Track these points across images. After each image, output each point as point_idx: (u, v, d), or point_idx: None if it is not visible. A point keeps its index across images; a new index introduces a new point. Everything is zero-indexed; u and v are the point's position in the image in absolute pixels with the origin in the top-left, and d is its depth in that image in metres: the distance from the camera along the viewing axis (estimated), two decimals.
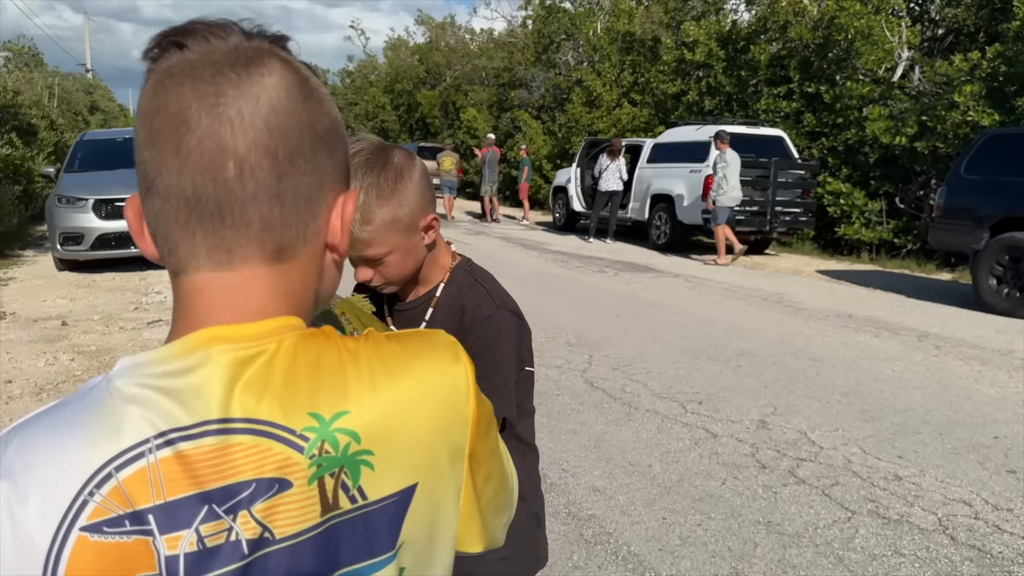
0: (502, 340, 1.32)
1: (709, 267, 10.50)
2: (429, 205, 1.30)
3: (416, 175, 1.27)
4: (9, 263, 10.30)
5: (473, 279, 1.38)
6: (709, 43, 15.34)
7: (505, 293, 1.38)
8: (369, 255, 1.26)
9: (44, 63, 23.59)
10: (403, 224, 1.25)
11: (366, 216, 1.22)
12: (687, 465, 3.79)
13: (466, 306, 1.34)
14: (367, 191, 1.22)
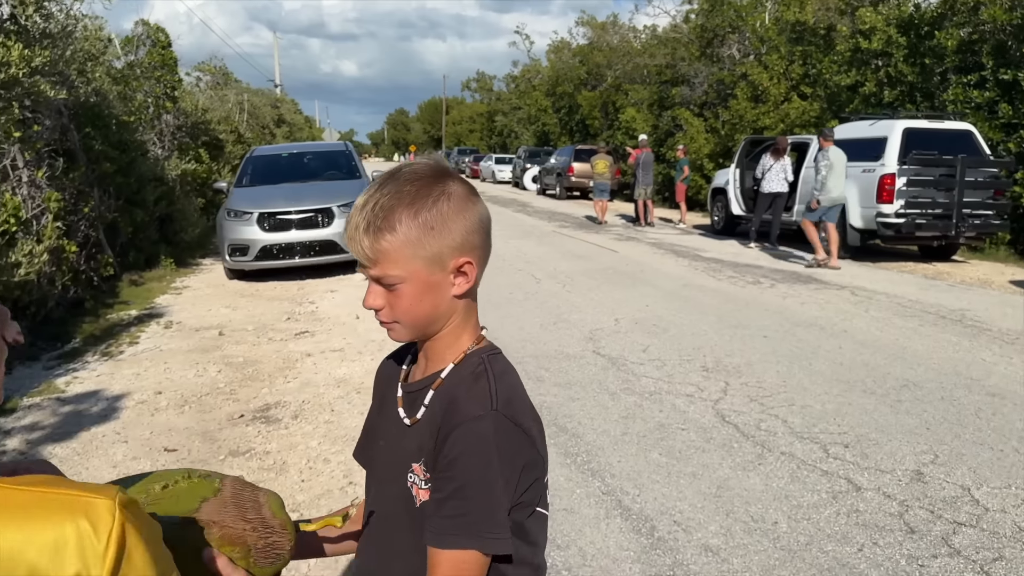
0: (479, 453, 1.06)
1: (879, 279, 9.61)
2: (469, 248, 1.12)
3: (467, 206, 1.12)
4: (188, 272, 11.10)
5: (484, 368, 1.14)
6: (888, 30, 14.14)
7: (516, 394, 1.14)
8: (380, 273, 1.10)
9: (234, 80, 25.42)
10: (430, 250, 1.08)
11: (389, 221, 1.07)
12: (819, 524, 3.36)
13: (456, 399, 1.11)
14: (400, 196, 1.08)
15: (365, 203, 1.09)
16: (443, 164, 1.16)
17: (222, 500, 1.06)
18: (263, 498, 1.10)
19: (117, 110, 10.37)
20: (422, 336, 1.17)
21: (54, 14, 8.31)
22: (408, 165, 1.13)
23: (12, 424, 4.92)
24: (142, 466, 4.22)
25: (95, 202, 8.85)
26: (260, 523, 1.06)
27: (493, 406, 1.08)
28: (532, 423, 1.13)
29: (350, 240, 1.11)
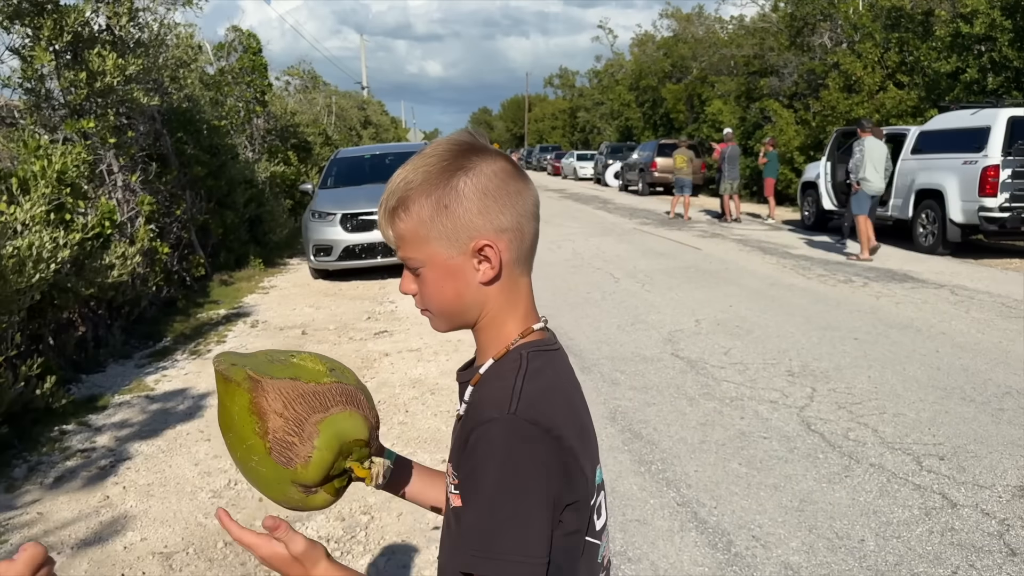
0: (493, 461, 0.94)
1: (981, 277, 9.08)
2: (492, 230, 1.02)
3: (493, 184, 1.02)
4: (276, 271, 11.39)
5: (519, 365, 1.02)
6: (992, 12, 13.34)
7: (548, 396, 1.00)
8: (403, 256, 1.05)
9: (322, 83, 26.02)
10: (443, 230, 1.01)
11: (405, 201, 1.02)
12: (910, 543, 3.15)
13: (478, 398, 1.02)
14: (417, 173, 1.03)
15: (389, 183, 1.05)
16: (475, 138, 1.07)
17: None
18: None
19: (208, 115, 10.71)
20: (457, 326, 1.09)
21: (148, 23, 8.63)
22: (439, 139, 1.07)
23: (103, 421, 5.12)
24: (222, 464, 4.31)
25: (187, 205, 9.16)
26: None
27: (510, 408, 0.95)
28: (567, 429, 0.99)
29: (378, 223, 1.08)
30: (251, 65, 13.46)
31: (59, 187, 5.89)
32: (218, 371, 1.10)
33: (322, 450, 1.03)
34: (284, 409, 1.03)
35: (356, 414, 1.07)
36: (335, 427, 1.04)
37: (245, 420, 1.05)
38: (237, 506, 3.81)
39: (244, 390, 1.05)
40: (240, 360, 1.10)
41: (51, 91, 7.64)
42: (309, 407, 1.04)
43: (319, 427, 1.03)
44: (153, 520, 3.71)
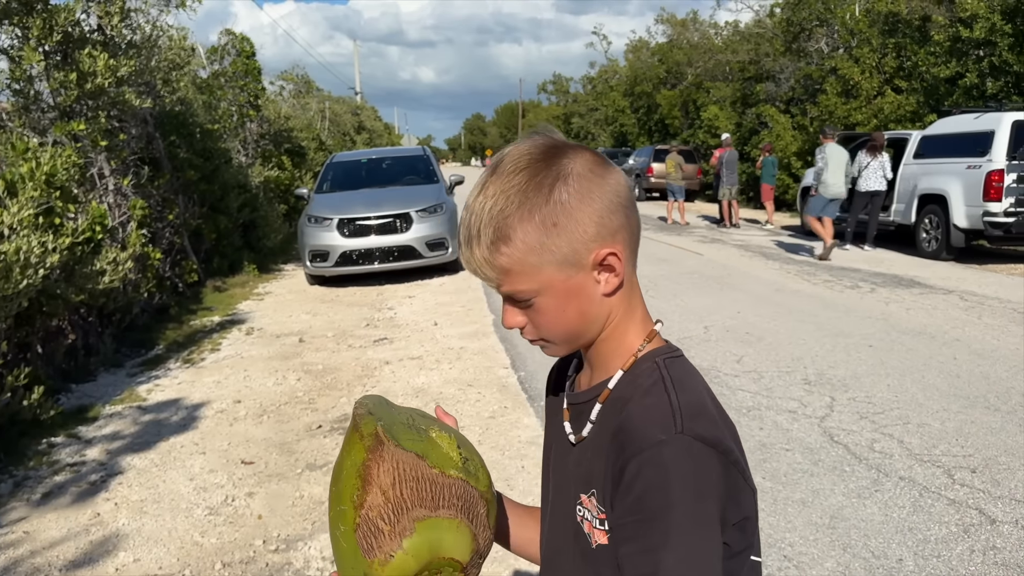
0: (668, 490, 0.82)
1: (988, 283, 8.95)
2: (609, 234, 0.91)
3: (594, 184, 0.90)
4: (271, 277, 11.18)
5: (660, 375, 0.91)
6: (991, 16, 13.27)
7: (704, 405, 0.89)
8: (510, 290, 0.93)
9: (316, 88, 25.83)
10: (559, 252, 0.89)
11: (502, 232, 0.89)
12: (952, 563, 2.98)
13: (630, 419, 0.89)
14: (508, 195, 0.89)
15: (470, 214, 0.92)
16: (551, 137, 0.94)
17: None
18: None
19: (201, 118, 10.51)
20: (579, 347, 1.00)
21: (141, 25, 8.44)
22: (509, 150, 0.93)
23: (93, 433, 4.91)
24: (218, 479, 4.11)
25: (180, 209, 8.96)
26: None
27: (678, 427, 0.84)
28: (731, 441, 0.88)
29: (466, 262, 0.94)
30: (244, 69, 13.27)
31: (48, 190, 5.68)
32: (354, 414, 0.98)
33: (408, 554, 0.87)
34: (391, 487, 0.89)
35: (465, 529, 0.90)
36: (434, 533, 0.89)
37: (351, 481, 0.91)
38: (234, 524, 3.62)
39: (363, 447, 0.92)
40: (380, 411, 0.98)
41: (40, 93, 7.43)
42: (418, 497, 0.89)
43: (416, 525, 0.88)
44: (147, 539, 3.51)
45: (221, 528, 3.60)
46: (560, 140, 0.94)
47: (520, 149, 0.92)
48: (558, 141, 0.93)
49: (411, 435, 0.94)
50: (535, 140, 0.93)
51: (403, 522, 0.87)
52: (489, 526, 0.94)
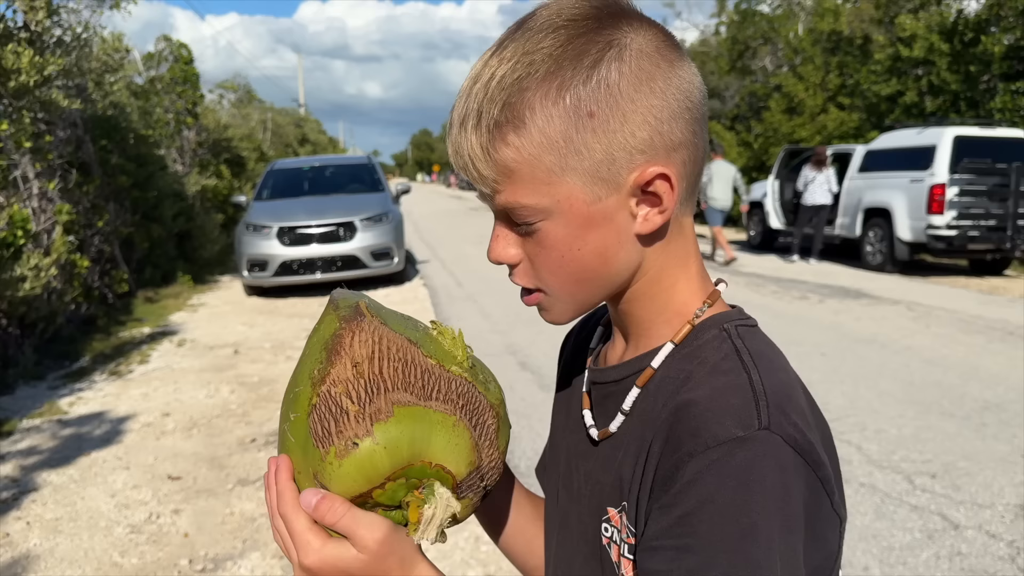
0: (742, 507, 0.56)
1: (933, 294, 9.06)
2: (663, 146, 0.63)
3: (659, 70, 0.62)
4: (206, 288, 10.77)
5: (732, 347, 0.65)
6: (930, 37, 13.63)
7: (791, 391, 0.63)
8: (505, 202, 0.65)
9: (258, 99, 25.37)
10: (590, 158, 0.62)
11: (515, 111, 0.62)
12: (917, 570, 2.86)
13: (691, 406, 0.61)
14: (533, 61, 0.62)
15: (473, 82, 0.64)
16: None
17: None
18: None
19: (136, 124, 10.10)
20: (590, 307, 0.71)
21: (71, 24, 8.06)
22: (546, 2, 0.65)
23: (8, 448, 4.54)
24: (142, 496, 3.80)
25: (110, 216, 8.55)
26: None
27: (763, 420, 0.58)
28: (822, 449, 0.61)
29: (454, 152, 0.66)
30: (182, 76, 12.87)
31: None
32: (331, 296, 0.73)
33: (379, 444, 0.62)
34: (366, 360, 0.64)
35: (464, 431, 0.66)
36: (420, 427, 0.64)
37: (313, 356, 0.67)
38: (158, 543, 3.33)
39: (337, 318, 0.68)
40: (368, 301, 0.72)
41: None
42: (403, 380, 0.65)
43: (396, 410, 0.63)
44: (60, 560, 3.21)
45: (143, 547, 3.31)
46: (626, 2, 0.66)
47: (562, 1, 0.64)
48: (625, 3, 0.65)
49: (405, 323, 0.71)
50: None
51: (378, 403, 0.63)
52: (499, 448, 0.70)
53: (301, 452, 0.65)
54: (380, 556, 0.64)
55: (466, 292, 9.19)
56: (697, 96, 0.65)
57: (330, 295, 0.74)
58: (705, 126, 0.67)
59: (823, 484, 0.60)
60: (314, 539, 0.64)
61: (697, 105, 0.65)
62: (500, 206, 0.66)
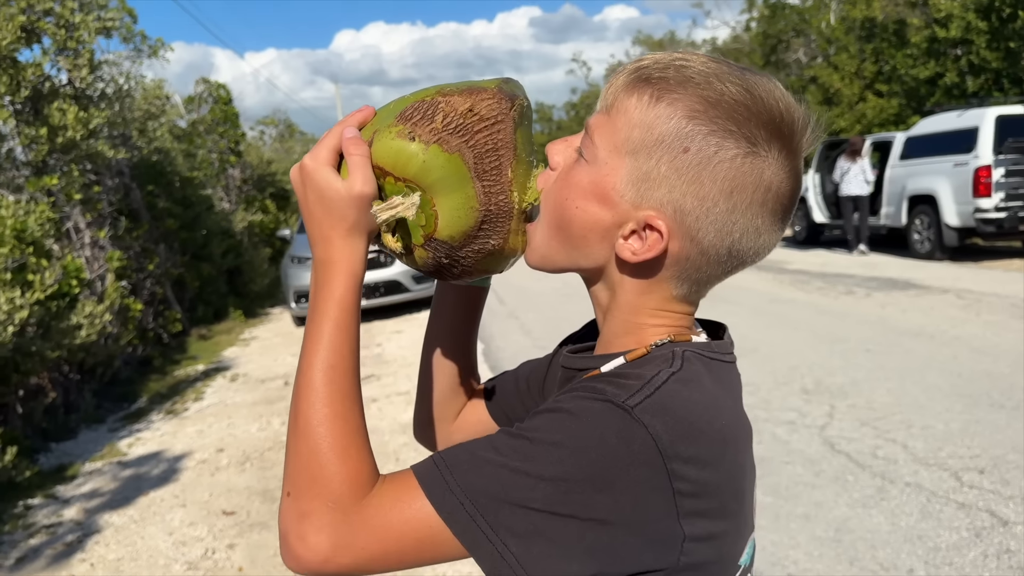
0: (580, 441, 0.64)
1: (984, 279, 8.83)
2: (690, 215, 0.70)
3: (767, 199, 0.71)
4: (257, 322, 11.04)
5: (671, 362, 0.70)
6: (966, 16, 13.31)
7: (688, 411, 0.67)
8: (589, 123, 0.76)
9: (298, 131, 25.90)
10: (644, 164, 0.70)
11: (667, 85, 0.70)
12: (964, 569, 2.82)
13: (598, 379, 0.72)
14: (706, 71, 0.70)
15: (657, 53, 0.74)
16: (804, 113, 0.72)
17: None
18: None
19: (180, 167, 10.44)
20: (554, 266, 0.81)
21: (114, 77, 8.39)
22: (768, 83, 0.72)
23: (72, 492, 4.74)
24: (198, 532, 3.94)
25: (160, 259, 8.84)
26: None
27: (629, 399, 0.65)
28: (703, 471, 0.66)
29: (609, 86, 0.75)
30: (223, 116, 13.24)
31: (20, 246, 5.56)
32: (507, 78, 0.86)
33: (419, 157, 0.76)
34: (477, 118, 0.78)
35: (471, 222, 0.79)
36: (453, 180, 0.77)
37: (456, 83, 0.82)
38: None
39: (496, 86, 0.82)
40: (526, 110, 0.85)
41: (13, 151, 7.35)
42: (481, 153, 0.78)
43: (452, 156, 0.77)
44: None
45: None
46: (799, 137, 0.72)
47: (774, 87, 0.71)
48: (799, 138, 0.72)
49: (533, 151, 0.83)
50: (790, 101, 0.72)
51: (453, 140, 0.76)
52: (483, 267, 0.83)
53: (385, 115, 0.78)
54: (348, 202, 0.75)
55: (508, 309, 9.26)
56: (751, 249, 0.73)
57: (507, 79, 0.85)
58: (766, 216, 0.72)
59: (672, 478, 0.64)
60: (324, 152, 0.77)
61: (740, 252, 0.73)
62: (587, 123, 0.76)
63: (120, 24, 8.24)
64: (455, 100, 0.77)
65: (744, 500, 0.73)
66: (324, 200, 0.75)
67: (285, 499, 0.70)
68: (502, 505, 0.64)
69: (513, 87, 0.83)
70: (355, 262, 0.76)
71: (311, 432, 0.70)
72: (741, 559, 0.73)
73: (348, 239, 0.75)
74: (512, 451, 0.65)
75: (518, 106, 0.81)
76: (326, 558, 0.65)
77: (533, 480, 0.63)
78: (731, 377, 0.77)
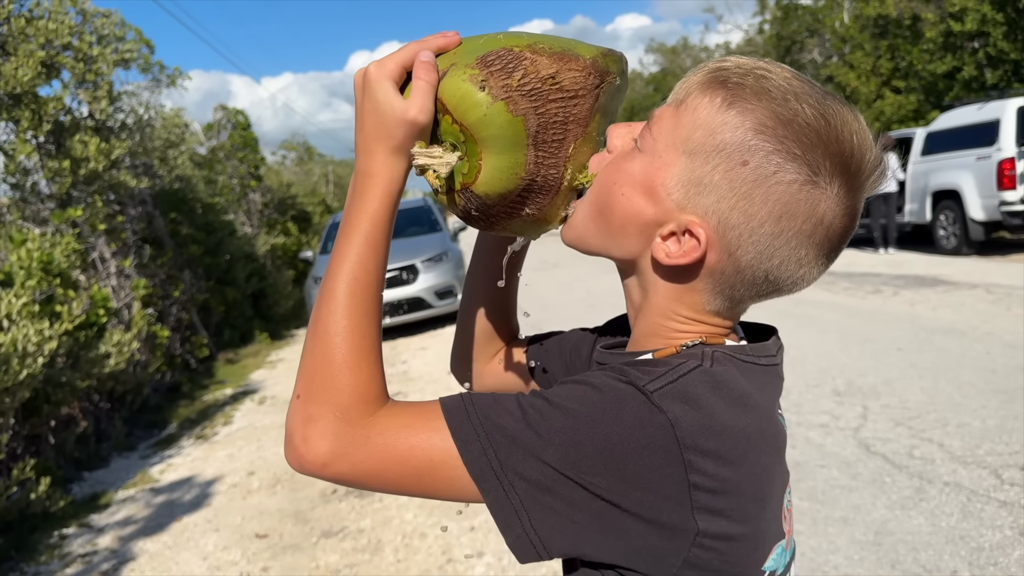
0: (596, 416, 0.64)
1: (1013, 273, 8.69)
2: (734, 226, 0.69)
3: (818, 231, 0.69)
4: (283, 344, 11.09)
5: (698, 360, 0.70)
6: (981, 8, 13.19)
7: (717, 405, 0.66)
8: (655, 113, 0.75)
9: (317, 154, 26.14)
10: (703, 171, 0.69)
11: (739, 92, 0.69)
12: (1010, 570, 2.75)
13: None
14: (787, 86, 0.69)
15: (740, 57, 0.73)
16: (875, 151, 0.70)
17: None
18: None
19: (202, 193, 10.55)
20: (592, 248, 0.80)
21: (133, 108, 8.50)
22: (845, 111, 0.70)
23: (105, 520, 4.77)
24: (232, 556, 3.94)
25: (185, 285, 8.92)
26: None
27: (645, 384, 0.65)
28: (724, 468, 0.65)
29: (685, 81, 0.74)
30: (242, 141, 13.38)
31: (47, 278, 5.63)
32: (612, 50, 0.83)
33: (485, 106, 0.75)
34: (559, 90, 0.76)
35: (513, 185, 0.78)
36: (509, 141, 0.76)
37: (554, 39, 0.79)
38: None
39: (599, 54, 0.79)
40: (621, 83, 0.83)
41: (37, 184, 7.46)
42: (551, 123, 0.76)
43: (518, 119, 0.75)
44: None
45: None
46: (870, 172, 0.70)
47: (849, 118, 0.69)
48: (868, 170, 0.70)
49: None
50: (864, 135, 0.69)
51: (524, 103, 0.74)
52: (511, 228, 0.82)
53: (468, 51, 0.76)
54: (399, 123, 0.74)
55: (532, 322, 9.18)
56: (789, 279, 0.73)
57: (609, 52, 0.82)
58: (807, 240, 0.70)
59: (687, 468, 0.63)
60: (392, 65, 0.76)
61: (777, 279, 0.72)
62: (652, 113, 0.75)
63: (138, 55, 8.36)
64: (541, 62, 0.75)
65: (767, 505, 0.72)
66: (377, 113, 0.75)
67: (295, 400, 0.72)
68: (515, 448, 0.64)
69: (609, 62, 0.80)
70: (393, 180, 0.76)
71: (328, 341, 0.72)
72: (765, 565, 0.72)
73: (391, 156, 0.75)
74: (531, 407, 0.66)
75: (608, 84, 0.78)
76: (325, 463, 0.67)
77: (544, 441, 0.64)
78: (767, 379, 0.76)
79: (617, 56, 0.81)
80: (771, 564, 0.73)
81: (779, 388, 0.80)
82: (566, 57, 0.76)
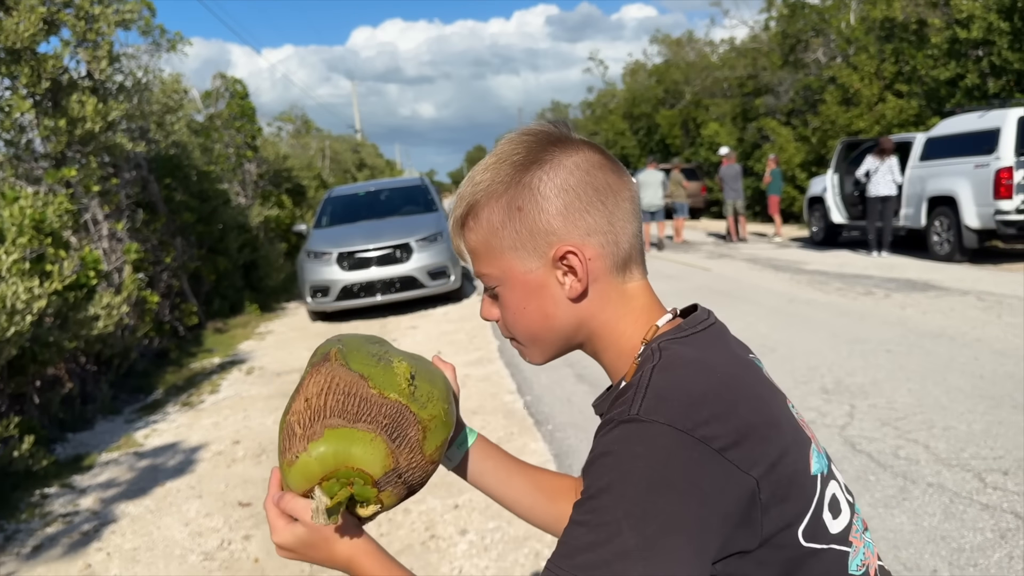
0: (610, 471, 0.73)
1: (1005, 282, 8.74)
2: (577, 231, 0.84)
3: (578, 178, 0.85)
4: (273, 316, 11.06)
5: (651, 360, 0.80)
6: (988, 16, 13.15)
7: (681, 382, 0.77)
8: (477, 272, 0.92)
9: (314, 128, 25.96)
10: (520, 236, 0.85)
11: (474, 208, 0.88)
12: (989, 571, 2.77)
13: (612, 409, 0.81)
14: (490, 173, 0.87)
15: (461, 188, 0.91)
16: (555, 127, 0.89)
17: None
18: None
19: (198, 161, 10.46)
20: (556, 353, 0.93)
21: (131, 70, 8.41)
22: (512, 132, 0.91)
23: (88, 482, 4.75)
24: (214, 523, 3.94)
25: (177, 252, 8.86)
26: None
27: (632, 410, 0.75)
28: (724, 423, 0.74)
29: (451, 234, 0.94)
30: (239, 111, 13.27)
31: (39, 237, 5.58)
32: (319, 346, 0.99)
33: (311, 457, 0.85)
34: (315, 396, 0.87)
35: (381, 445, 0.86)
36: (344, 443, 0.85)
37: (294, 393, 0.92)
38: (229, 568, 3.44)
39: (309, 364, 0.93)
40: (351, 341, 0.96)
41: (32, 142, 7.38)
42: (340, 408, 0.86)
43: (327, 432, 0.85)
44: None
45: (216, 574, 3.43)
46: (564, 132, 0.88)
47: (520, 130, 0.88)
48: (562, 132, 0.88)
49: (368, 361, 0.90)
50: (538, 126, 0.88)
51: (315, 427, 0.85)
52: (424, 452, 0.88)
53: (279, 462, 0.89)
54: (306, 547, 0.86)
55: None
56: (619, 195, 0.86)
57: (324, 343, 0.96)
58: (633, 220, 0.88)
59: (707, 444, 0.72)
60: (278, 521, 0.87)
61: (618, 202, 0.86)
62: (476, 276, 0.91)
63: (139, 17, 8.26)
64: (293, 408, 0.88)
65: (780, 422, 0.81)
66: (310, 554, 0.88)
67: None
68: (619, 560, 0.70)
69: (320, 346, 0.95)
70: (361, 551, 0.87)
71: None
72: (812, 470, 0.81)
73: (338, 553, 0.87)
74: (586, 513, 0.73)
75: (334, 360, 0.89)
76: None
77: (614, 529, 0.70)
78: (712, 336, 0.86)
79: (335, 348, 0.93)
80: (816, 467, 0.83)
81: (729, 338, 0.90)
82: (298, 412, 0.88)
